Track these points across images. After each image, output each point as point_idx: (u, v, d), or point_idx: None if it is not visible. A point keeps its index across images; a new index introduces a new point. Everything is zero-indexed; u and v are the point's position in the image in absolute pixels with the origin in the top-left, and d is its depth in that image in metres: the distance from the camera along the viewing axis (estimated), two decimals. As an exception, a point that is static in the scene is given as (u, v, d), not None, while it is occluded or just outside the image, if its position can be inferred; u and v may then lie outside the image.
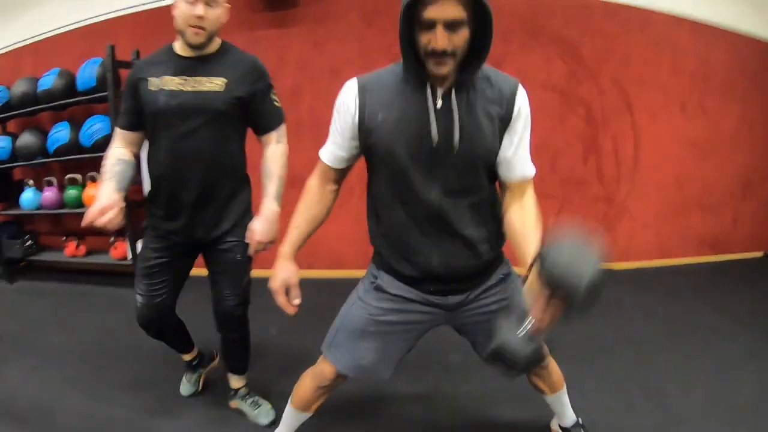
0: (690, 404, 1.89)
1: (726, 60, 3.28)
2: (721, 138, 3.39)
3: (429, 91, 1.05)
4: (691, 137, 3.34)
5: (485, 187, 1.14)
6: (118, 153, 1.52)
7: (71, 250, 3.25)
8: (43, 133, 3.18)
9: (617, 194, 3.31)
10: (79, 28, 3.30)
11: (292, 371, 1.54)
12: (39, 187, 3.29)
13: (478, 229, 1.15)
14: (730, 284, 3.18)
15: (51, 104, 3.05)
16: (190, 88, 1.46)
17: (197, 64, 1.47)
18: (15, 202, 3.46)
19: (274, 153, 1.57)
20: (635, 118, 3.21)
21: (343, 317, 1.30)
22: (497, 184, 1.18)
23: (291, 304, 1.19)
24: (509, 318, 0.99)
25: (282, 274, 1.19)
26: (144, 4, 3.13)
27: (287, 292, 1.19)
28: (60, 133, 3.04)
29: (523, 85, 1.10)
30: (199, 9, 1.36)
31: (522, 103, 1.09)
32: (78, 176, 3.15)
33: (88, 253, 3.30)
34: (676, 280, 3.24)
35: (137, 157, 1.57)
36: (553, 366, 1.44)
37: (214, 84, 1.47)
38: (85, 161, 3.08)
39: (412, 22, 0.95)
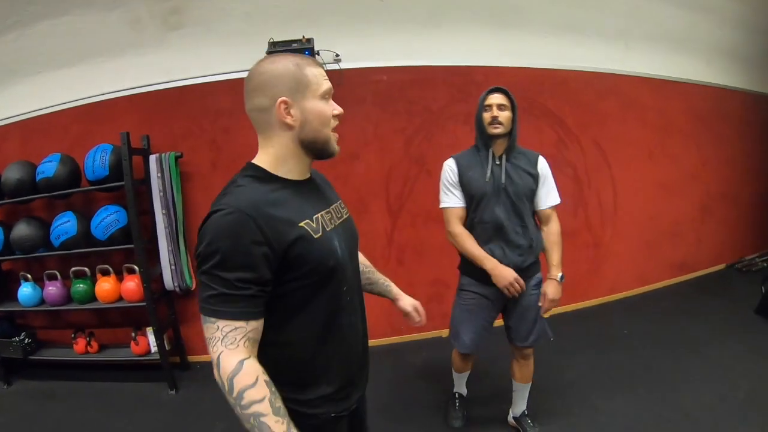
0: (702, 406, 2.33)
1: (682, 109, 3.85)
2: (682, 176, 3.95)
3: (490, 154, 1.90)
4: (658, 179, 3.85)
5: (528, 213, 1.92)
6: (257, 371, 0.87)
7: (81, 348, 3.04)
8: (41, 222, 3.02)
9: (603, 238, 3.70)
10: (73, 107, 3.15)
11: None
12: (36, 281, 3.09)
13: (525, 236, 1.91)
14: (704, 299, 3.71)
15: (55, 193, 2.89)
16: (339, 221, 1.08)
17: (319, 186, 1.11)
18: (4, 297, 3.23)
19: None
20: (613, 170, 3.63)
21: (453, 318, 2.09)
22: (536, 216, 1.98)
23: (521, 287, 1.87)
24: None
25: (511, 274, 1.86)
26: (151, 84, 3.05)
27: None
28: (66, 225, 2.89)
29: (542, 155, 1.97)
30: (337, 106, 1.03)
31: (542, 165, 1.95)
32: (85, 269, 2.97)
33: (102, 347, 3.11)
34: (658, 303, 3.71)
35: None
36: (532, 362, 2.13)
37: (345, 207, 1.16)
38: (91, 253, 2.94)
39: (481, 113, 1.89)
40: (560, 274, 1.94)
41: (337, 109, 1.01)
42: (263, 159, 1.00)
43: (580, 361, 2.88)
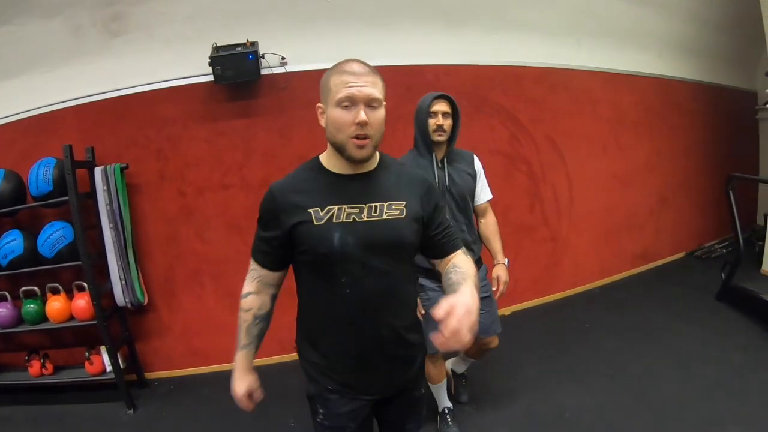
0: (667, 396, 2.35)
1: (634, 102, 3.91)
2: (637, 168, 4.01)
3: (434, 159, 1.98)
4: (613, 172, 3.90)
5: (470, 210, 2.07)
6: (257, 303, 1.23)
7: (36, 370, 2.93)
8: (-13, 242, 2.93)
9: (560, 232, 3.74)
10: (17, 120, 3.02)
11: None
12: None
13: (470, 233, 2.06)
14: (665, 287, 3.79)
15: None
16: (365, 219, 1.12)
17: (373, 183, 1.16)
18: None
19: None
20: (567, 165, 3.67)
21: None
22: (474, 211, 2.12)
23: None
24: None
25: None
26: (96, 94, 2.96)
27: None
28: (13, 243, 2.80)
29: (476, 153, 2.14)
30: (362, 114, 1.05)
31: (477, 164, 2.10)
32: (35, 288, 2.88)
33: (56, 369, 3.00)
34: (620, 294, 3.77)
35: (275, 298, 1.28)
36: (488, 351, 2.24)
37: (397, 209, 1.16)
38: (39, 271, 2.84)
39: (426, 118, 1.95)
40: (506, 259, 2.15)
41: (358, 118, 1.05)
42: (325, 151, 1.19)
43: (542, 357, 2.90)
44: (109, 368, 2.85)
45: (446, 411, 2.32)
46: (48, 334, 3.13)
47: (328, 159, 1.17)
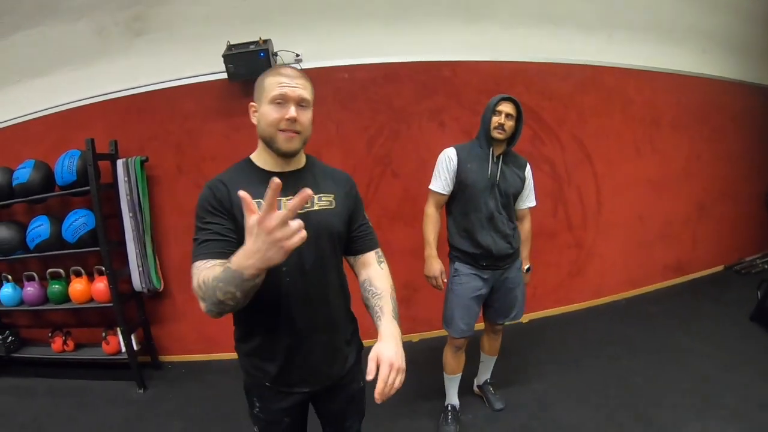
0: (676, 426, 2.17)
1: (671, 101, 3.62)
2: (673, 172, 3.72)
3: (491, 153, 2.07)
4: (646, 176, 3.65)
5: (512, 209, 2.16)
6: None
7: (58, 346, 3.14)
8: (19, 226, 3.13)
9: (585, 239, 3.55)
10: (48, 115, 3.22)
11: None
12: (16, 281, 3.21)
13: (508, 227, 2.11)
14: (697, 303, 3.52)
15: (28, 198, 2.99)
16: (301, 211, 1.15)
17: (298, 182, 1.19)
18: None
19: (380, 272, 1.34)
20: (595, 167, 3.47)
21: (447, 304, 2.20)
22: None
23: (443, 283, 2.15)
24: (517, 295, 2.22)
25: (438, 266, 2.12)
26: (120, 91, 3.09)
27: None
28: (40, 228, 2.99)
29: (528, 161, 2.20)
30: (292, 110, 1.15)
31: (528, 171, 2.19)
32: (60, 270, 3.08)
33: (77, 346, 3.20)
34: (647, 308, 3.53)
35: None
36: (500, 337, 2.42)
37: (324, 201, 1.25)
38: (65, 254, 3.01)
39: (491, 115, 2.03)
40: (528, 266, 2.31)
41: (288, 114, 1.14)
42: (255, 150, 1.25)
43: (551, 370, 2.77)
44: (123, 349, 2.99)
45: (449, 408, 2.35)
46: (73, 313, 3.33)
47: (258, 157, 1.23)
